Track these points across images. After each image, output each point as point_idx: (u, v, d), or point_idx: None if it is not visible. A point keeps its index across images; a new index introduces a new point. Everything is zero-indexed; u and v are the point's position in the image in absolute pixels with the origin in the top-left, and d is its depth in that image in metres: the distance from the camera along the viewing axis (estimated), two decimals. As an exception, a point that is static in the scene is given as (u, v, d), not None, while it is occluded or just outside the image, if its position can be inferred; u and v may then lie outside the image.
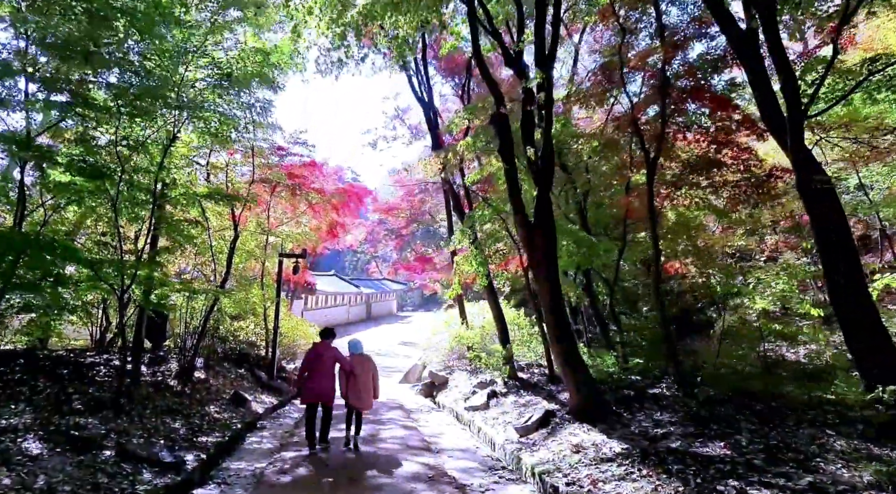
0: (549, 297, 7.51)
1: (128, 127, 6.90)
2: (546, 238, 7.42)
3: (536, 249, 7.44)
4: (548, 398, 9.41)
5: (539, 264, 7.50)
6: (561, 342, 7.48)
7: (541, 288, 7.61)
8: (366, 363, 7.71)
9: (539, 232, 7.41)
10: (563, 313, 7.60)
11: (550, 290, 7.48)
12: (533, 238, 7.44)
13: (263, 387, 12.80)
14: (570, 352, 7.46)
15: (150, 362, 11.52)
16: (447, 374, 14.03)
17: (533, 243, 7.47)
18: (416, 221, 35.41)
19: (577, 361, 7.45)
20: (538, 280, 7.61)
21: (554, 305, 7.52)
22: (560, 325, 7.51)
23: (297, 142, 15.77)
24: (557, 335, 7.56)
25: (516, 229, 7.69)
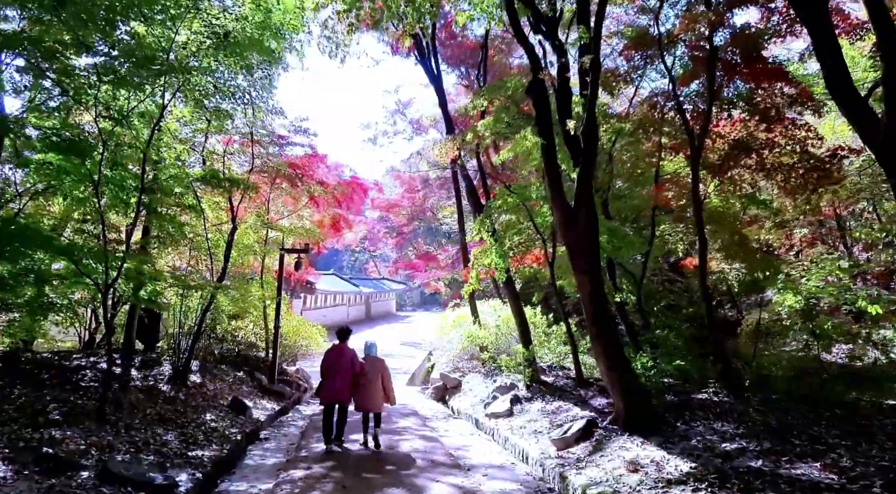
0: (591, 290, 6.65)
1: (110, 98, 5.99)
2: (588, 224, 6.56)
3: (576, 236, 6.59)
4: (579, 404, 8.55)
5: (580, 253, 6.64)
6: (603, 342, 6.62)
7: (580, 280, 6.75)
8: (377, 365, 7.62)
9: (580, 217, 6.55)
10: (606, 309, 6.75)
11: (591, 282, 6.63)
12: (573, 224, 6.58)
13: (264, 391, 11.91)
14: (615, 353, 6.60)
15: (142, 364, 10.63)
16: (459, 377, 13.16)
17: (573, 230, 6.61)
18: (418, 218, 34.56)
19: (623, 364, 6.59)
20: (577, 271, 6.75)
21: (595, 299, 6.66)
22: (602, 323, 6.66)
23: (299, 130, 14.85)
24: (599, 334, 6.69)
25: (553, 213, 6.83)
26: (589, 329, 6.83)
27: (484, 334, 13.34)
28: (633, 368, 6.85)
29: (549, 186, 6.80)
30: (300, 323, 15.39)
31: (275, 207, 15.22)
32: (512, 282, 10.80)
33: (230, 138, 12.71)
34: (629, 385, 6.53)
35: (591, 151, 6.56)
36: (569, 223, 6.65)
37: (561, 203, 6.66)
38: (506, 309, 15.90)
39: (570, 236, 6.72)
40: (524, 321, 10.88)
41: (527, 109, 9.16)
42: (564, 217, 6.66)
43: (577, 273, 6.80)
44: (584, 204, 6.60)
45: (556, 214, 6.71)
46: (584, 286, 6.73)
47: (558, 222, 6.70)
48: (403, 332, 31.06)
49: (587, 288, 6.71)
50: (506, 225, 10.10)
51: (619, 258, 10.80)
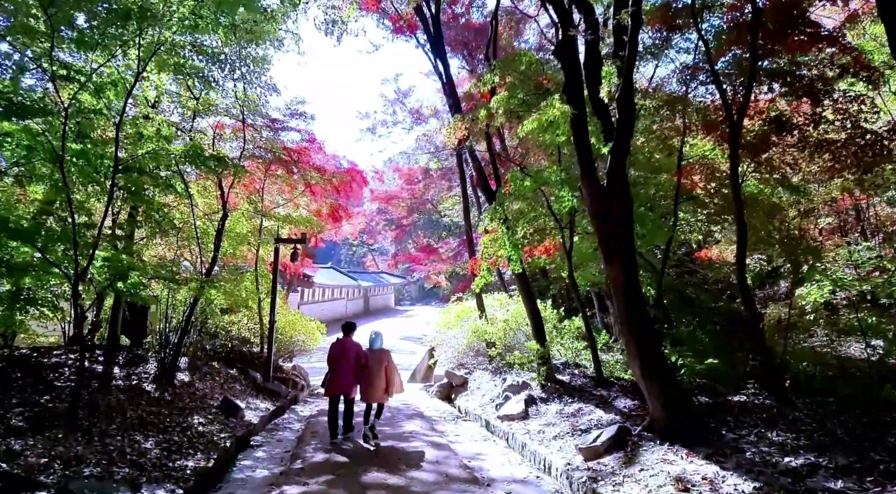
0: (624, 282, 5.89)
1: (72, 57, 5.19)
2: (622, 206, 5.81)
3: (610, 219, 5.82)
4: (601, 406, 7.82)
5: (613, 238, 5.87)
6: (639, 340, 5.86)
7: (612, 270, 5.99)
8: (382, 358, 7.69)
9: (613, 197, 5.79)
10: (642, 303, 5.98)
11: (625, 272, 5.87)
12: (605, 206, 5.82)
13: (258, 390, 11.15)
14: (653, 353, 5.85)
15: (127, 362, 9.88)
16: (465, 374, 12.41)
17: (604, 213, 5.84)
18: (418, 210, 33.73)
19: (661, 365, 5.85)
20: (609, 260, 5.97)
21: (629, 292, 5.91)
22: (637, 318, 5.90)
23: (295, 114, 14.03)
24: (634, 332, 5.94)
25: (583, 193, 6.05)
26: (622, 327, 6.06)
27: (491, 329, 12.59)
28: (673, 371, 6.09)
29: (579, 161, 6.01)
30: (297, 317, 14.61)
31: (270, 196, 14.44)
32: (525, 274, 10.03)
33: (220, 123, 11.92)
34: (669, 391, 5.78)
35: (627, 122, 5.78)
36: (600, 205, 5.87)
37: (592, 182, 5.89)
38: (514, 303, 15.18)
39: (600, 220, 5.94)
40: (538, 315, 10.13)
41: (546, 82, 8.39)
42: (595, 198, 5.89)
43: (608, 262, 6.03)
44: (617, 183, 5.83)
45: (586, 193, 5.95)
46: (617, 277, 5.98)
47: (588, 203, 5.94)
48: (403, 326, 30.32)
49: (620, 279, 5.95)
50: (519, 212, 9.31)
51: (640, 248, 10.03)
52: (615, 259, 5.90)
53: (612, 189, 5.79)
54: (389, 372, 7.65)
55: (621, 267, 5.87)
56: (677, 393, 5.87)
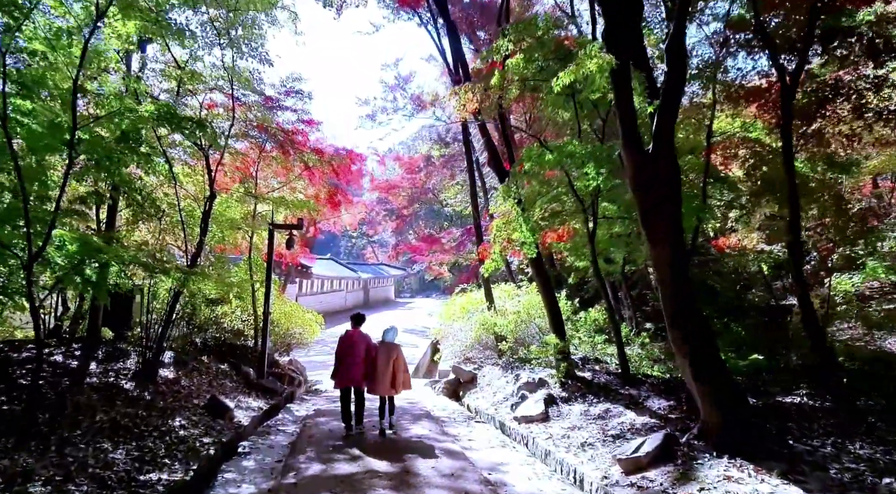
0: (671, 262, 5.03)
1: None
2: (669, 177, 4.93)
3: (654, 186, 4.94)
4: (632, 407, 6.97)
5: (657, 217, 4.99)
6: (689, 334, 5.00)
7: (657, 255, 5.11)
8: (391, 352, 7.59)
9: (659, 167, 4.91)
10: (691, 294, 5.10)
11: (673, 257, 5.00)
12: (650, 172, 4.93)
13: (251, 387, 10.30)
14: (706, 350, 5.00)
15: (106, 356, 9.04)
16: (474, 369, 11.57)
17: (648, 181, 4.95)
18: (419, 200, 32.77)
19: (717, 364, 4.99)
20: (654, 236, 5.09)
21: (676, 281, 5.04)
22: (687, 308, 5.04)
23: (290, 92, 13.10)
24: (684, 322, 5.08)
25: (625, 163, 5.15)
26: (668, 318, 5.18)
27: (502, 321, 11.73)
28: (728, 371, 5.21)
29: (620, 121, 5.11)
30: (294, 309, 13.74)
31: (264, 180, 13.55)
32: (541, 260, 9.16)
33: (211, 102, 11.01)
34: (725, 394, 4.92)
35: (677, 74, 4.87)
36: (642, 172, 4.98)
37: (634, 144, 4.99)
38: (523, 294, 14.32)
39: (642, 191, 5.05)
40: (556, 306, 9.26)
41: (568, 42, 7.48)
42: (638, 163, 4.99)
43: (651, 240, 5.15)
44: (664, 150, 4.94)
45: (627, 160, 5.05)
46: (662, 263, 5.10)
47: (630, 170, 5.05)
48: (404, 318, 29.50)
49: (666, 266, 5.08)
50: (535, 192, 8.41)
51: None
52: (660, 235, 5.02)
53: (658, 153, 4.89)
54: (397, 367, 7.53)
55: (669, 252, 5.00)
56: (734, 397, 5.01)
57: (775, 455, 4.59)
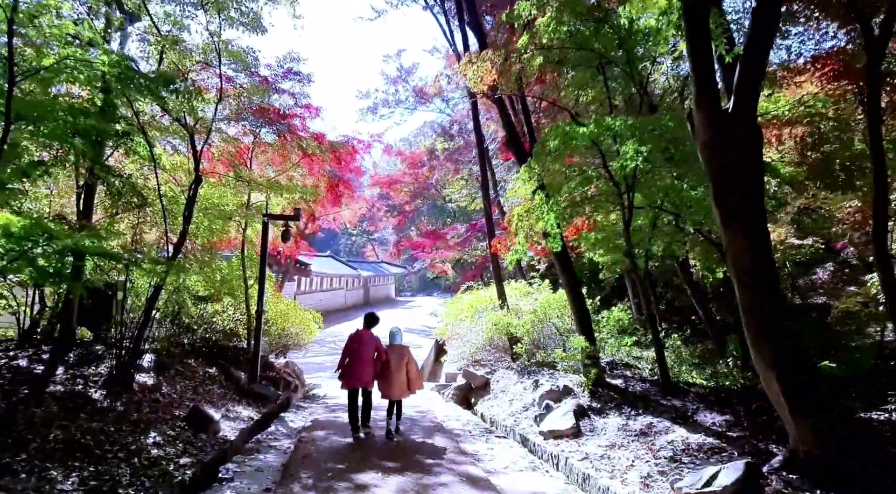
0: (750, 256, 4.04)
1: None
2: (750, 141, 3.95)
3: (730, 158, 3.94)
4: (681, 422, 5.99)
5: (734, 189, 4.00)
6: (776, 343, 4.02)
7: (733, 242, 4.12)
8: (403, 354, 7.49)
9: (738, 132, 3.92)
10: (777, 288, 4.11)
11: (753, 244, 4.01)
12: (728, 133, 3.92)
13: (242, 393, 9.30)
14: (797, 363, 4.02)
15: (79, 360, 8.09)
16: (486, 374, 10.59)
17: (725, 147, 3.95)
18: (421, 195, 31.80)
19: (813, 386, 4.01)
20: (729, 222, 4.08)
21: (758, 269, 4.05)
22: (772, 311, 4.05)
23: (288, 73, 12.10)
24: (768, 329, 4.09)
25: (697, 123, 4.14)
26: (747, 323, 4.18)
27: (517, 321, 10.75)
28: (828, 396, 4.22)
29: (693, 69, 4.08)
30: (290, 307, 12.73)
31: (259, 168, 12.56)
32: (567, 254, 8.18)
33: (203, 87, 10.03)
34: (826, 424, 3.93)
35: (770, 16, 3.88)
36: (720, 138, 3.96)
37: (711, 104, 3.98)
38: (535, 292, 13.34)
39: (718, 159, 4.04)
40: (583, 305, 8.28)
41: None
42: (714, 126, 3.96)
43: (726, 227, 4.15)
44: (745, 110, 3.95)
45: (701, 121, 4.03)
46: (740, 252, 4.12)
47: (702, 136, 4.04)
48: (406, 318, 28.50)
49: (744, 255, 4.09)
50: (563, 175, 7.41)
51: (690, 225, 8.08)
52: (736, 213, 4.03)
53: (738, 112, 3.89)
54: (410, 370, 7.42)
55: (746, 227, 4.01)
56: (834, 419, 4.02)
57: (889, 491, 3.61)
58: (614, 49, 7.22)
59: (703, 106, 4.05)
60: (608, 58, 7.25)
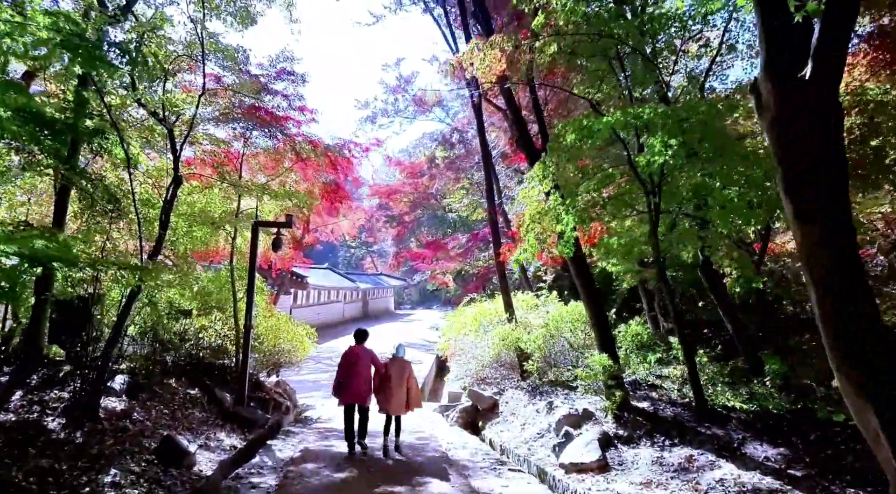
0: (832, 256, 3.26)
1: None
2: (825, 109, 3.18)
3: (803, 131, 3.16)
4: (727, 455, 5.16)
5: (808, 176, 3.22)
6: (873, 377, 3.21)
7: (808, 235, 3.33)
8: (404, 368, 7.41)
9: (810, 96, 3.16)
10: (870, 299, 3.31)
11: (834, 242, 3.23)
12: (797, 111, 3.16)
13: (226, 418, 8.45)
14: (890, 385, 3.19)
15: (43, 382, 7.32)
16: (494, 394, 9.76)
17: (797, 122, 3.17)
18: (421, 205, 31.05)
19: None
20: (803, 213, 3.29)
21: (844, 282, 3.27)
22: (864, 338, 3.24)
23: (282, 73, 11.41)
24: (857, 359, 3.28)
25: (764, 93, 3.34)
26: (833, 353, 3.37)
27: (527, 336, 9.92)
28: None
29: (762, 34, 3.34)
30: (283, 322, 11.88)
31: (250, 172, 11.82)
32: (584, 260, 7.40)
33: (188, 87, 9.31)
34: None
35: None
36: (790, 108, 3.19)
37: (783, 72, 3.20)
38: (542, 305, 12.54)
39: (785, 140, 3.26)
40: (603, 318, 7.48)
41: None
42: (785, 97, 3.18)
43: (800, 220, 3.36)
44: (825, 78, 3.19)
45: (770, 91, 3.21)
46: (817, 252, 3.33)
47: (772, 110, 3.21)
48: (405, 332, 27.61)
49: (823, 255, 3.30)
50: (580, 171, 6.63)
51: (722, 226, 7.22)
52: (811, 203, 3.24)
53: (817, 80, 3.12)
54: (410, 385, 7.33)
55: (825, 220, 3.23)
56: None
57: None
58: (635, 37, 6.49)
59: (771, 71, 3.28)
60: (629, 45, 6.52)
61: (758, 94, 3.47)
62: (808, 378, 7.06)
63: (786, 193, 3.43)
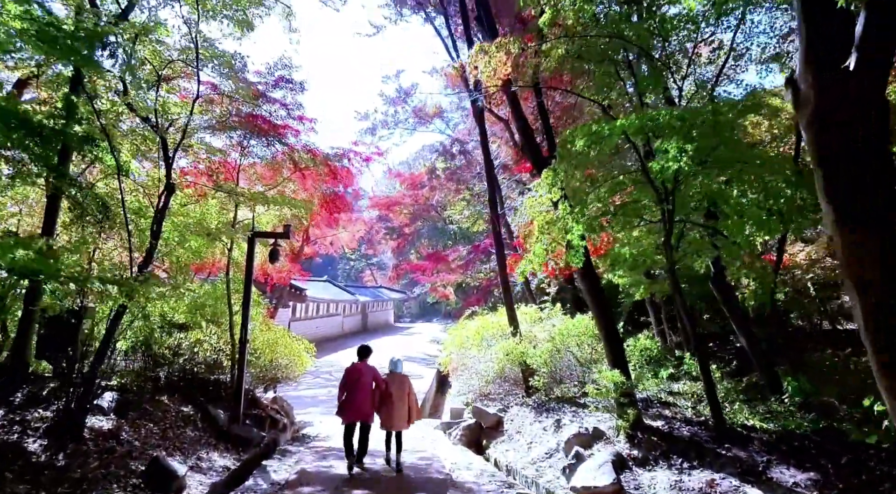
0: (880, 262, 2.97)
1: None
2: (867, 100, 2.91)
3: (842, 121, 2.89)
4: (752, 480, 4.83)
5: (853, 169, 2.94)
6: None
7: (850, 240, 3.05)
8: (404, 384, 7.32)
9: (852, 87, 2.89)
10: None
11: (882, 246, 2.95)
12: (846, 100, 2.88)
13: (220, 437, 8.11)
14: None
15: (28, 400, 6.99)
16: (499, 411, 9.40)
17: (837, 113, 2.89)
18: (421, 217, 30.83)
19: None
20: (846, 217, 3.01)
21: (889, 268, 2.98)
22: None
23: (280, 81, 11.18)
24: (892, 357, 2.99)
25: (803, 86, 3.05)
26: (874, 354, 3.08)
27: (533, 351, 9.59)
28: None
29: (802, 21, 3.09)
30: (280, 336, 11.51)
31: (247, 182, 11.58)
32: (593, 271, 7.11)
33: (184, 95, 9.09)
34: None
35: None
36: (830, 99, 2.91)
37: (826, 62, 2.92)
38: (550, 317, 12.22)
39: (825, 138, 2.98)
40: (614, 332, 7.15)
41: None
42: (825, 89, 2.88)
43: (841, 223, 3.08)
44: (869, 66, 2.92)
45: (810, 82, 2.96)
46: (862, 258, 3.04)
47: (812, 102, 2.97)
48: (405, 345, 27.19)
49: (869, 260, 3.01)
50: (589, 179, 6.36)
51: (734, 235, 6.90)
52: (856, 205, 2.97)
53: (863, 70, 2.84)
54: (411, 400, 7.28)
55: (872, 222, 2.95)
56: None
57: None
58: (646, 39, 6.26)
59: (813, 63, 3.02)
60: (639, 48, 6.28)
61: (795, 88, 3.20)
62: (831, 396, 6.75)
63: (826, 195, 3.15)
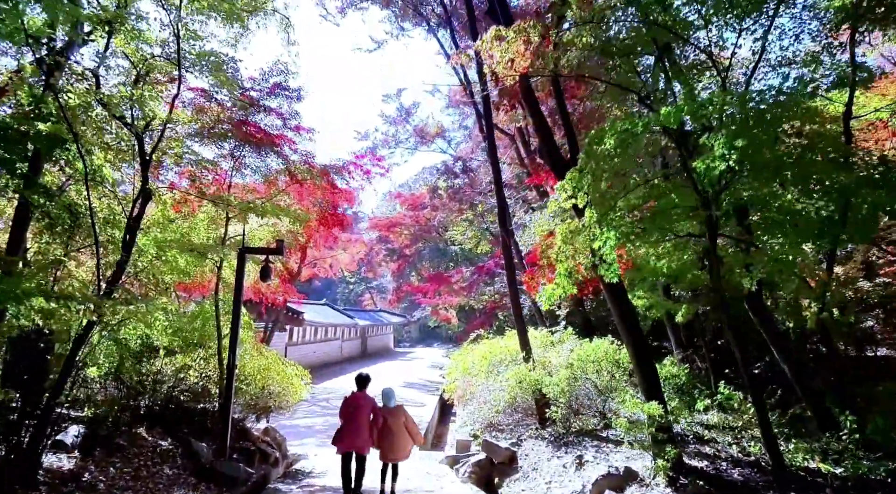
0: None
1: None
2: None
3: None
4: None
5: None
6: None
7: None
8: (399, 416, 7.04)
9: None
10: None
11: None
12: None
13: (202, 475, 7.23)
14: None
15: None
16: (512, 446, 8.52)
17: None
18: (423, 238, 30.09)
19: None
20: None
21: None
22: None
23: (276, 88, 10.51)
24: None
25: None
26: None
27: (549, 379, 8.74)
28: None
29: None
30: (273, 362, 10.62)
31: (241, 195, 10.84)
32: (623, 289, 6.32)
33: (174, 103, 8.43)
34: None
35: None
36: None
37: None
38: (564, 341, 11.39)
39: None
40: (647, 357, 6.32)
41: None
42: None
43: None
44: None
45: None
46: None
47: None
48: (405, 371, 26.16)
49: None
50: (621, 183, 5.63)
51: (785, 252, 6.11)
52: None
53: None
54: (410, 431, 7.10)
55: None
56: None
57: None
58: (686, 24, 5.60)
59: None
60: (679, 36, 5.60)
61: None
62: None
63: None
